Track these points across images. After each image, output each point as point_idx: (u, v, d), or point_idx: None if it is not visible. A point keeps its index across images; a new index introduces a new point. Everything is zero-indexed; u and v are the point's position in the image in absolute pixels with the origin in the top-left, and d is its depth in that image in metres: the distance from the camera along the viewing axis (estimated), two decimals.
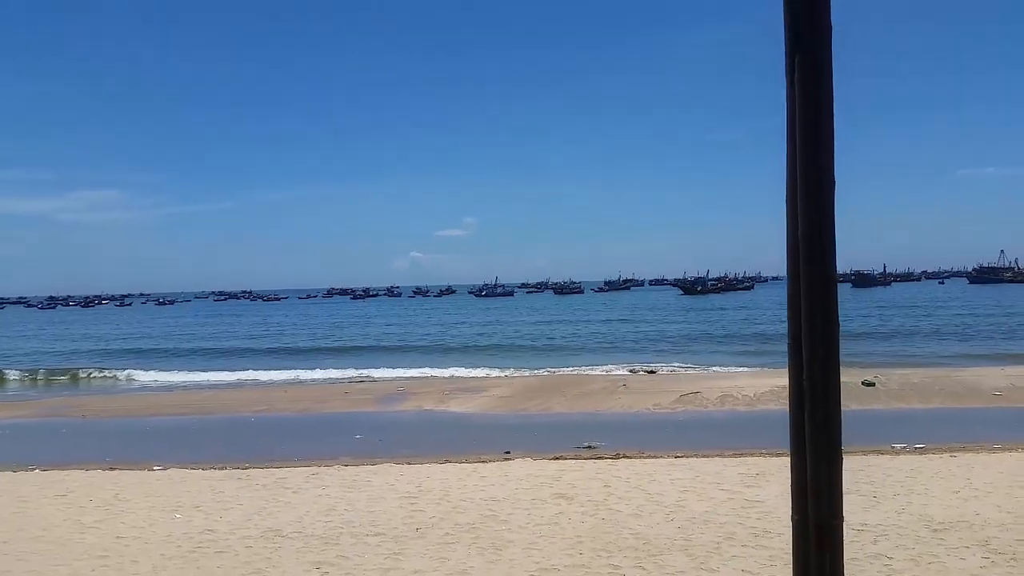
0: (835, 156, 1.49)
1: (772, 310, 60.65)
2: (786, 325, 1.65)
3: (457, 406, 19.26)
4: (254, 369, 30.77)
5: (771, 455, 11.99)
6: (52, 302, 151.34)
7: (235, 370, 30.56)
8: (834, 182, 1.50)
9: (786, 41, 1.50)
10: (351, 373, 28.65)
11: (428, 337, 45.73)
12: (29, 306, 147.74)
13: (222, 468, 12.27)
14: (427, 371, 28.28)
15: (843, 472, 1.62)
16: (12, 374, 30.85)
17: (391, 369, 29.10)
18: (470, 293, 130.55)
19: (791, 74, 1.49)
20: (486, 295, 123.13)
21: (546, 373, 26.26)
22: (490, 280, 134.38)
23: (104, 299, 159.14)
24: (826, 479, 1.54)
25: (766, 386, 19.74)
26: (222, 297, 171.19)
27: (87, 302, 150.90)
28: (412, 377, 26.86)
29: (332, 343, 43.35)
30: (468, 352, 35.21)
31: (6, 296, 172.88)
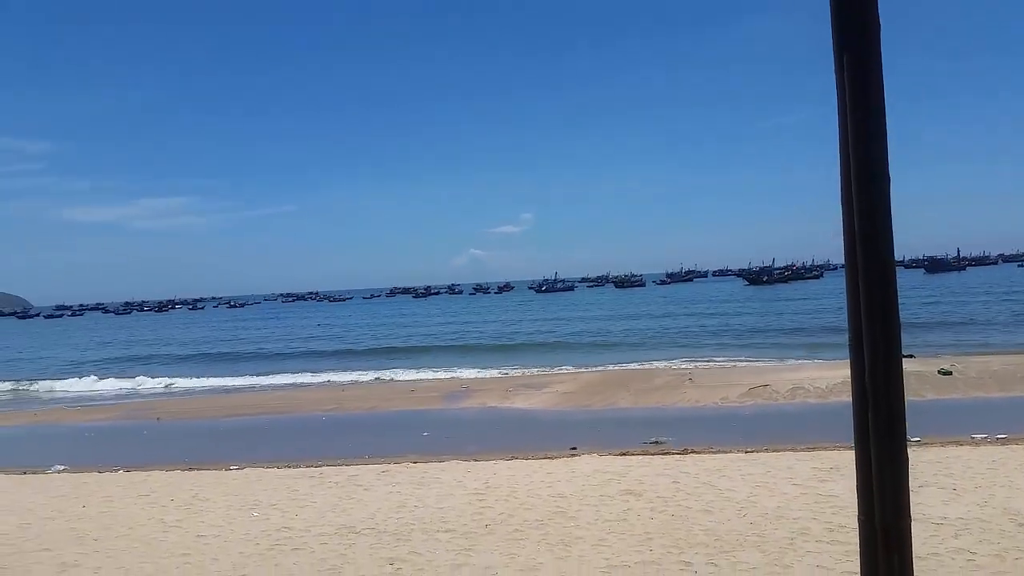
0: (899, 145, 1.47)
1: (842, 299, 59.00)
2: None
3: (521, 402, 19.34)
4: (316, 372, 31.44)
5: (845, 448, 11.70)
6: (128, 308, 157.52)
7: (297, 372, 31.33)
8: (889, 179, 1.48)
9: (833, 38, 1.48)
10: (411, 376, 29.05)
11: (489, 336, 45.92)
12: (107, 312, 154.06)
13: (296, 467, 12.62)
14: (489, 372, 28.47)
15: (922, 464, 1.60)
16: (91, 379, 32.27)
17: (452, 371, 29.37)
18: (530, 288, 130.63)
19: (840, 71, 1.47)
20: (546, 290, 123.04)
21: (610, 368, 26.14)
22: (550, 275, 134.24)
23: (177, 303, 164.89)
24: (891, 481, 1.53)
25: (838, 377, 19.23)
26: (290, 298, 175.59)
27: (161, 307, 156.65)
28: (476, 377, 27.06)
29: (396, 343, 43.95)
30: (531, 351, 35.23)
31: (85, 303, 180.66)
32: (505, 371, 27.45)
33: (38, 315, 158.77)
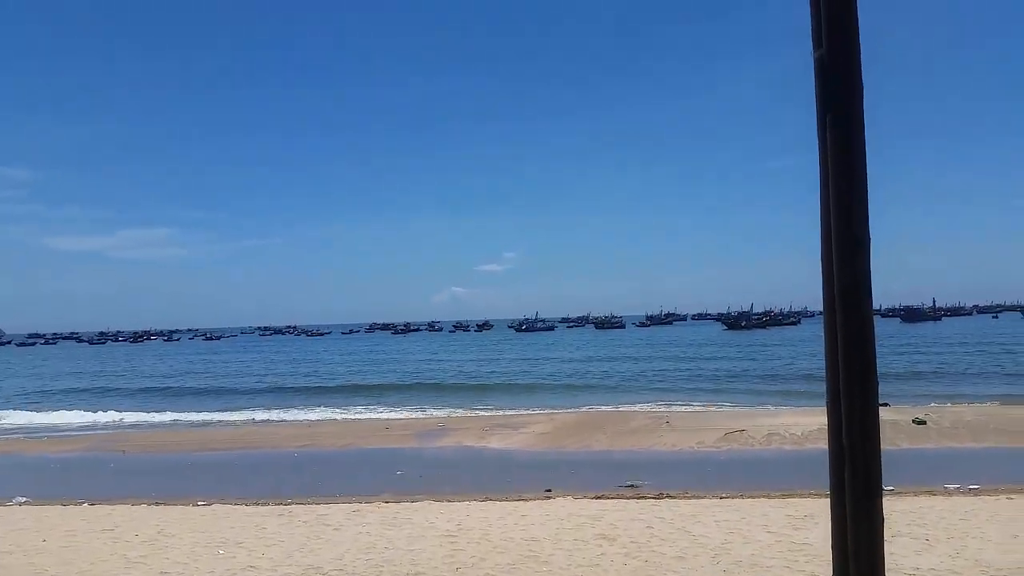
0: (877, 185, 1.47)
1: (819, 346, 59.46)
2: None
3: (497, 442, 19.18)
4: (288, 408, 31.05)
5: (820, 496, 11.68)
6: (103, 337, 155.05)
7: (269, 408, 30.91)
8: (869, 243, 1.49)
9: (817, 98, 1.50)
10: (386, 414, 28.81)
11: (466, 375, 45.69)
12: (80, 341, 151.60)
13: (265, 504, 12.37)
14: (465, 411, 28.29)
15: (896, 514, 1.60)
16: (57, 412, 31.64)
17: (427, 410, 29.13)
18: (510, 327, 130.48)
19: (822, 130, 1.49)
20: (526, 329, 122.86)
21: (587, 410, 26.06)
22: (531, 314, 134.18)
23: (153, 334, 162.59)
24: (866, 538, 1.52)
25: (815, 424, 19.27)
26: (267, 332, 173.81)
27: (136, 337, 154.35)
28: (451, 416, 26.85)
29: (371, 380, 43.54)
30: (507, 391, 35.05)
31: (59, 331, 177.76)
32: (481, 411, 27.27)
33: (10, 343, 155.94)
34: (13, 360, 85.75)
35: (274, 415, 28.87)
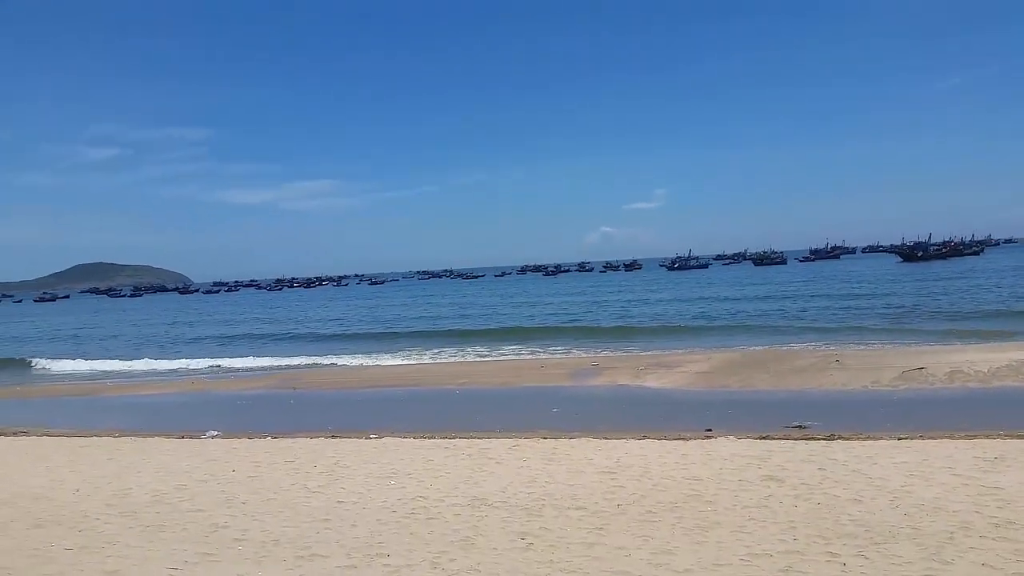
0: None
1: (1008, 277, 54.10)
2: None
3: (653, 381, 18.93)
4: (443, 349, 32.14)
5: (1011, 437, 10.69)
6: (279, 284, 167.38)
7: (430, 349, 32.14)
8: None
9: None
10: (540, 354, 29.16)
11: (616, 316, 45.20)
12: (259, 288, 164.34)
13: (431, 437, 12.90)
14: (619, 352, 28.13)
15: None
16: (249, 359, 34.40)
17: (579, 350, 29.22)
18: (661, 266, 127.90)
19: None
20: (679, 268, 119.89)
21: (747, 349, 25.12)
22: (683, 252, 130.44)
23: (324, 280, 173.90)
24: None
25: (1003, 360, 17.61)
26: (426, 276, 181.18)
27: (309, 283, 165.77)
28: (605, 355, 26.78)
29: (523, 322, 44.02)
30: (659, 331, 34.20)
31: (240, 279, 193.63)
32: (635, 351, 26.99)
33: (197, 291, 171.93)
34: (203, 307, 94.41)
35: (430, 354, 30.04)
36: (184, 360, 32.43)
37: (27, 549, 7.50)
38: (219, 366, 30.17)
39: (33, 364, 34.92)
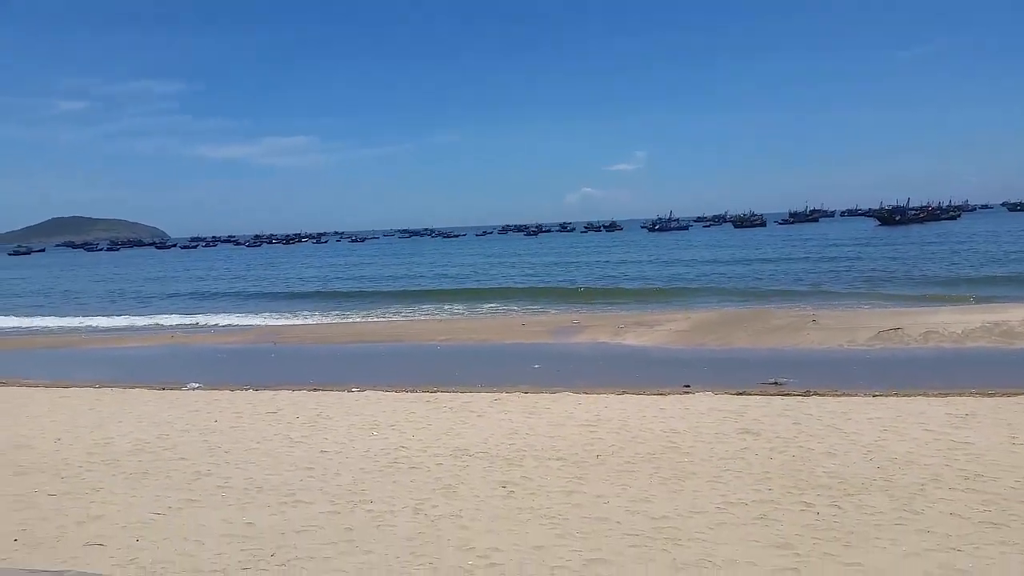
0: None
1: (984, 242, 54.79)
2: (1005, 258, 1.34)
3: (633, 339, 19.10)
4: (422, 307, 32.19)
5: (982, 395, 10.95)
6: (258, 240, 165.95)
7: (411, 306, 32.13)
8: None
9: None
10: (519, 314, 29.25)
11: (596, 276, 45.34)
12: (238, 244, 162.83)
13: (413, 391, 12.98)
14: (599, 311, 28.27)
15: None
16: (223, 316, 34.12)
17: (558, 310, 29.37)
18: (642, 227, 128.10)
19: None
20: (659, 229, 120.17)
21: (726, 308, 25.37)
22: (664, 214, 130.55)
23: (304, 237, 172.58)
24: None
25: (976, 322, 17.94)
26: (406, 235, 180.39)
27: (288, 240, 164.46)
28: (586, 314, 26.92)
29: (502, 282, 44.01)
30: (640, 292, 34.38)
31: (218, 235, 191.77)
32: (615, 310, 27.15)
33: (174, 246, 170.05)
34: (180, 262, 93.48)
35: (411, 313, 30.04)
36: (168, 316, 32.17)
37: (9, 495, 7.51)
38: (198, 323, 29.97)
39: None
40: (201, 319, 30.67)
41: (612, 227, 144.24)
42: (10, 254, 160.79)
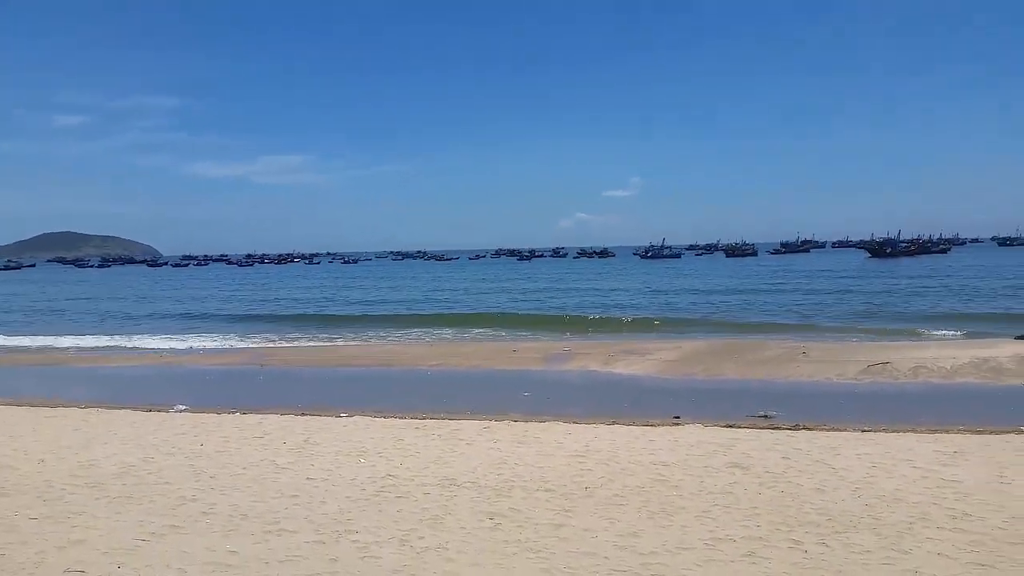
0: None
1: (974, 277, 55.14)
2: (993, 293, 1.35)
3: (623, 368, 19.10)
4: (413, 330, 32.11)
5: (971, 432, 10.97)
6: (250, 259, 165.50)
7: (403, 329, 32.04)
8: None
9: None
10: (510, 340, 29.22)
11: (587, 305, 45.41)
12: (230, 263, 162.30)
13: (402, 417, 12.92)
14: (589, 339, 28.26)
15: None
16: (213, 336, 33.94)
17: (549, 337, 29.37)
18: (635, 254, 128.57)
19: None
20: (652, 256, 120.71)
21: (716, 339, 25.41)
22: (657, 241, 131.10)
23: (296, 257, 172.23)
24: None
25: (966, 357, 18.03)
26: (399, 257, 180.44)
27: (280, 259, 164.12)
28: (576, 341, 26.91)
29: (495, 307, 44.00)
30: (632, 322, 34.41)
31: (210, 253, 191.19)
32: (605, 339, 27.15)
33: (166, 264, 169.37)
34: (174, 281, 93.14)
35: (401, 337, 29.95)
36: (162, 337, 31.95)
37: None
38: (186, 344, 29.78)
39: None
40: (189, 340, 30.50)
41: (604, 254, 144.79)
42: (0, 269, 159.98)
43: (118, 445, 10.82)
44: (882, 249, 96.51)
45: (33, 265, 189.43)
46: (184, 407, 14.40)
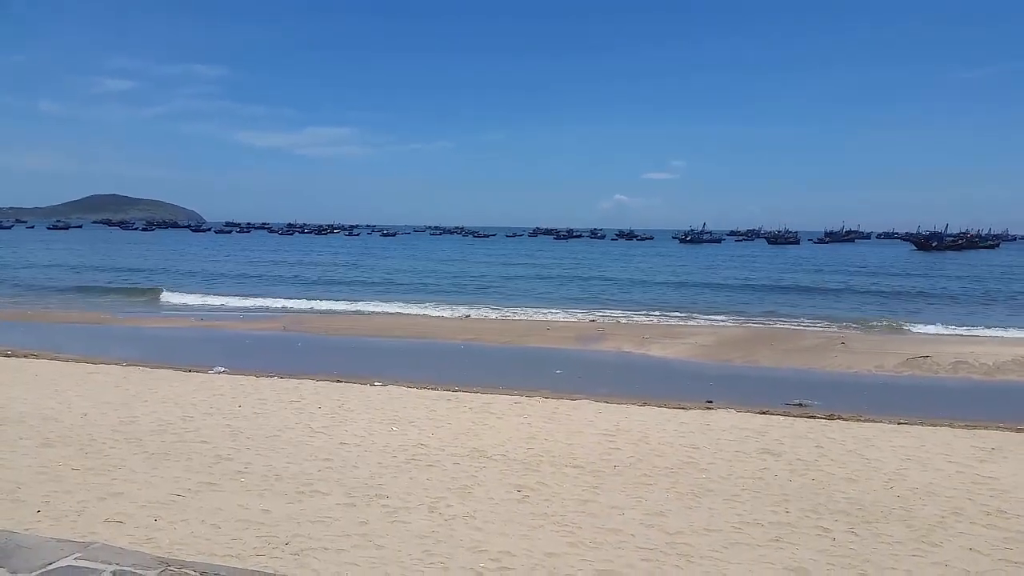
0: None
1: (1021, 271, 53.62)
2: None
3: (657, 350, 19.01)
4: (452, 306, 32.23)
5: (1010, 430, 10.74)
6: (291, 229, 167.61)
7: (439, 304, 32.21)
8: None
9: None
10: (545, 315, 29.20)
11: (620, 285, 45.20)
12: (271, 232, 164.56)
13: (435, 389, 13.05)
14: (624, 319, 28.11)
15: None
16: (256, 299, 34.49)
17: (583, 314, 29.28)
18: (674, 238, 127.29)
19: None
20: (691, 241, 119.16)
21: (753, 324, 25.13)
22: (697, 225, 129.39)
23: (336, 228, 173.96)
24: None
25: (1008, 354, 17.61)
26: (438, 232, 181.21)
27: (320, 230, 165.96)
28: (610, 321, 26.80)
29: (528, 284, 44.03)
30: (666, 302, 34.19)
31: (253, 221, 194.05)
32: (640, 319, 27.00)
33: (209, 230, 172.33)
34: (217, 247, 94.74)
35: (437, 310, 30.11)
36: (196, 295, 32.62)
37: (35, 466, 7.67)
38: (224, 305, 30.32)
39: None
40: (230, 302, 31.10)
41: (633, 235, 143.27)
42: (49, 228, 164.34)
43: (157, 403, 11.09)
44: (928, 243, 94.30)
45: (80, 226, 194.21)
46: (223, 369, 14.70)
